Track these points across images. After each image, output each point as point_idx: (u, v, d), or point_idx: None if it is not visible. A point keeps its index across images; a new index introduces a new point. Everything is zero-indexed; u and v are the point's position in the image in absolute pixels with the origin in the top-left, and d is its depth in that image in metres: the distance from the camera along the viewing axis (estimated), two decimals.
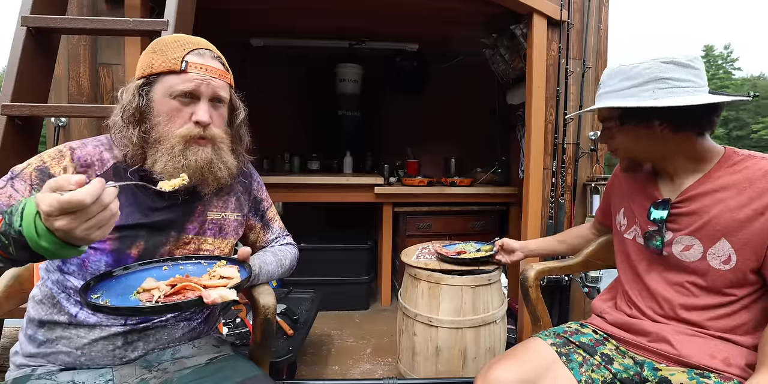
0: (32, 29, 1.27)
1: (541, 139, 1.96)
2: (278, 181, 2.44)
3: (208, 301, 0.65)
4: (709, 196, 0.82)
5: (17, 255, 0.55)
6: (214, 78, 0.80)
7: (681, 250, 0.85)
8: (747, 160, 0.81)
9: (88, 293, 0.67)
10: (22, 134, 1.27)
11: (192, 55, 0.79)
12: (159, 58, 0.78)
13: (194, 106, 0.79)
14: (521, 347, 0.92)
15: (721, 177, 0.82)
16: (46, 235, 0.52)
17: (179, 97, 0.78)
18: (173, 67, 0.77)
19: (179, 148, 0.78)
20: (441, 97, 3.31)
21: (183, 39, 0.81)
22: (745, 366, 0.78)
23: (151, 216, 0.81)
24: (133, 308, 0.65)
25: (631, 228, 0.97)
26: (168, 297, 0.68)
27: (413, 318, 1.56)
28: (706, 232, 0.81)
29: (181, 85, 0.77)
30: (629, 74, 0.83)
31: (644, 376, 0.84)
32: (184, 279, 0.72)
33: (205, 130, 0.80)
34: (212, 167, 0.81)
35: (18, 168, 0.76)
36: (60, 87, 1.58)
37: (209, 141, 0.81)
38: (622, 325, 0.92)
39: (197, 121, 0.78)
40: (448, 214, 2.71)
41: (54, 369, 0.77)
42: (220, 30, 2.48)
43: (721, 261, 0.80)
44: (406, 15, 2.26)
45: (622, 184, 1.04)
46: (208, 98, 0.80)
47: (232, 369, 0.82)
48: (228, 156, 0.85)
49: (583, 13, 1.99)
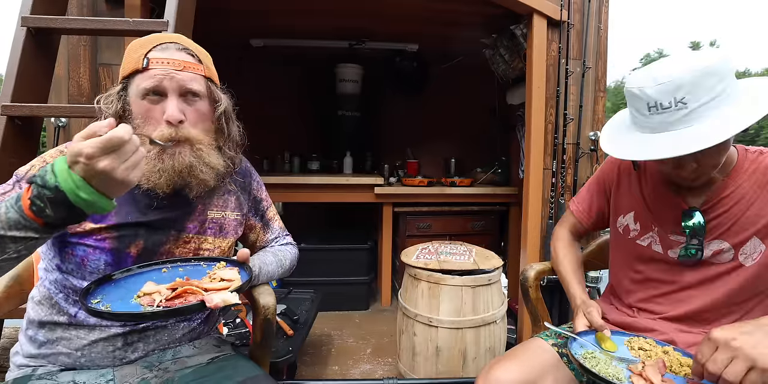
0: (32, 29, 1.27)
1: (541, 139, 1.95)
2: (278, 181, 2.44)
3: (211, 305, 0.65)
4: (732, 198, 0.81)
5: (55, 215, 0.55)
6: (179, 71, 0.76)
7: (711, 255, 0.82)
8: (759, 157, 0.81)
9: (88, 298, 0.66)
10: (22, 134, 1.27)
11: (154, 51, 0.76)
12: (127, 59, 0.77)
13: (164, 104, 0.76)
14: (522, 347, 0.91)
15: (740, 178, 0.81)
16: (84, 185, 0.54)
17: (147, 96, 0.75)
18: (137, 66, 0.75)
19: (155, 152, 0.75)
20: (441, 97, 3.32)
21: (150, 37, 0.79)
22: None
23: (149, 215, 0.81)
24: (135, 314, 0.64)
25: (646, 234, 0.91)
26: (169, 301, 0.67)
27: (413, 318, 1.56)
28: (734, 234, 0.80)
29: (144, 83, 0.74)
30: (722, 74, 0.68)
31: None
32: (185, 282, 0.71)
33: (178, 131, 0.75)
34: (193, 171, 0.78)
35: (22, 170, 0.76)
36: (60, 87, 1.58)
37: (185, 143, 0.77)
38: (624, 325, 0.92)
39: (167, 120, 0.74)
40: (448, 214, 2.71)
41: (54, 369, 0.77)
42: (220, 30, 2.48)
43: (752, 259, 0.79)
44: (406, 15, 2.26)
45: (631, 185, 0.96)
46: (177, 93, 0.76)
47: (233, 368, 0.82)
48: (211, 157, 0.81)
49: (583, 13, 1.99)
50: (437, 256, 1.69)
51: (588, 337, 0.81)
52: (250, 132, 0.94)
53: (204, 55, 0.84)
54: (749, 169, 0.81)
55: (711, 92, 0.68)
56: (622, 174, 0.99)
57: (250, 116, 0.94)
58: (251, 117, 0.94)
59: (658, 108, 0.70)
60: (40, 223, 0.56)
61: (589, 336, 0.82)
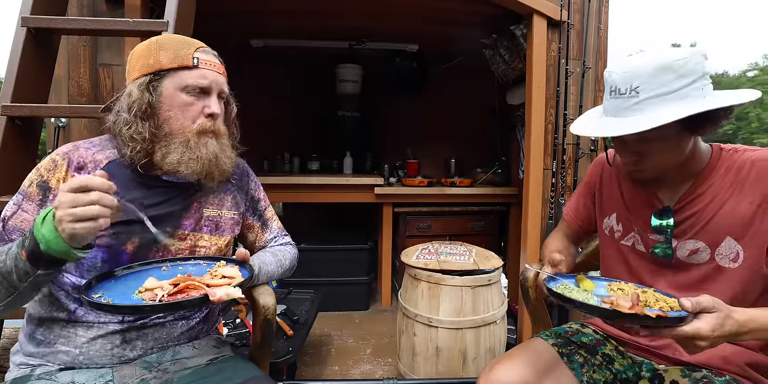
0: (32, 30, 1.27)
1: (541, 140, 1.95)
2: (278, 181, 2.44)
3: (214, 298, 0.65)
4: (705, 197, 0.81)
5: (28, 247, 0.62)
6: (219, 74, 0.85)
7: (687, 254, 0.82)
8: (734, 155, 0.81)
9: (89, 293, 0.67)
10: (22, 135, 1.27)
11: (199, 52, 0.83)
12: (167, 54, 0.80)
13: (205, 100, 0.83)
14: (523, 347, 0.91)
15: (713, 176, 0.81)
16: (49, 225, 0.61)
17: (192, 91, 0.81)
18: (186, 63, 0.80)
19: (194, 141, 0.81)
20: (441, 97, 3.31)
21: (187, 38, 0.85)
22: (744, 365, 0.78)
23: (145, 211, 0.81)
24: (137, 306, 0.65)
25: (628, 234, 0.92)
26: (171, 296, 0.67)
27: (413, 318, 1.56)
28: (709, 234, 0.79)
29: (195, 81, 0.80)
30: (682, 71, 0.70)
31: (642, 376, 0.84)
32: (187, 278, 0.72)
33: (215, 124, 0.84)
34: (218, 161, 0.84)
35: (24, 186, 0.79)
36: (60, 87, 1.58)
37: (215, 134, 0.85)
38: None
39: (210, 114, 0.82)
40: (448, 214, 2.71)
41: (53, 369, 0.77)
42: (220, 30, 2.48)
43: (730, 259, 0.78)
44: (406, 15, 2.26)
45: (612, 186, 0.97)
46: (217, 93, 0.84)
47: (232, 370, 0.83)
48: (230, 150, 0.89)
49: (583, 13, 1.99)
50: (437, 257, 1.69)
51: (568, 279, 0.84)
52: (250, 132, 0.95)
53: None
54: (722, 167, 0.80)
55: (664, 87, 0.70)
56: (604, 176, 1.00)
57: (250, 116, 0.95)
58: (251, 117, 0.95)
59: (616, 93, 0.75)
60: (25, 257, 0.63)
61: (569, 279, 0.85)
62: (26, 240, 0.63)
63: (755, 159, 0.78)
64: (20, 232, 0.76)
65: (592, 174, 1.04)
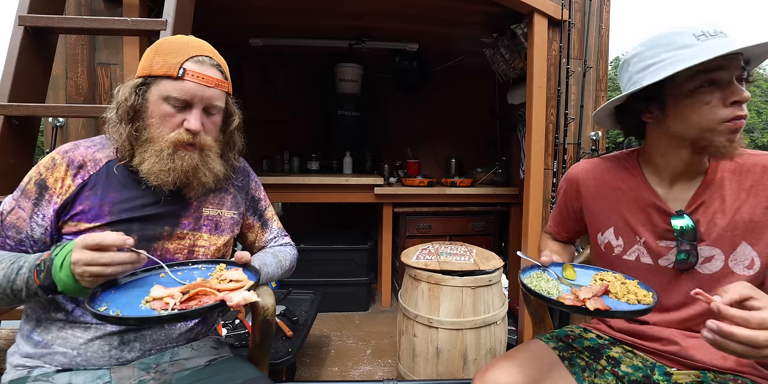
0: (30, 29, 1.26)
1: (542, 139, 1.95)
2: (278, 181, 2.43)
3: (232, 304, 0.64)
4: (717, 201, 0.78)
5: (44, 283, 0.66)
6: (209, 87, 0.80)
7: (702, 262, 0.79)
8: (739, 157, 0.79)
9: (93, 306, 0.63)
10: (20, 134, 1.27)
11: (191, 62, 0.79)
12: (159, 60, 0.78)
13: (187, 113, 0.79)
14: (521, 348, 0.90)
15: (722, 178, 0.79)
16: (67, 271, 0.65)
17: (174, 102, 0.78)
18: (170, 72, 0.77)
19: (168, 152, 0.78)
20: (441, 97, 3.31)
21: (187, 44, 0.81)
22: (755, 363, 0.77)
23: (142, 210, 0.82)
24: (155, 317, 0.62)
25: (631, 248, 0.87)
26: (184, 303, 0.65)
27: (413, 319, 1.55)
28: (725, 239, 0.77)
29: (175, 93, 0.77)
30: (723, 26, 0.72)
31: (654, 380, 0.81)
32: (197, 284, 0.70)
33: (195, 137, 0.80)
34: (197, 173, 0.82)
35: (23, 184, 0.79)
36: (58, 87, 1.58)
37: (197, 148, 0.82)
38: (629, 332, 0.89)
39: (188, 129, 0.79)
40: (449, 214, 2.70)
41: (50, 370, 0.76)
42: (220, 30, 2.47)
43: (744, 266, 0.76)
44: (406, 15, 2.25)
45: (601, 199, 0.92)
46: (202, 107, 0.81)
47: (231, 371, 0.82)
48: (215, 162, 0.85)
49: (584, 12, 1.98)
50: (437, 257, 1.69)
51: (555, 267, 0.85)
52: (249, 132, 0.94)
53: (227, 70, 0.87)
54: (726, 168, 0.79)
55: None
56: (585, 191, 0.95)
57: (249, 116, 0.94)
58: (251, 117, 0.94)
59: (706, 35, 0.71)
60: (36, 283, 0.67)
61: (556, 267, 0.86)
62: (42, 273, 0.66)
63: (766, 163, 0.77)
64: (16, 230, 0.76)
65: (567, 193, 1.00)
